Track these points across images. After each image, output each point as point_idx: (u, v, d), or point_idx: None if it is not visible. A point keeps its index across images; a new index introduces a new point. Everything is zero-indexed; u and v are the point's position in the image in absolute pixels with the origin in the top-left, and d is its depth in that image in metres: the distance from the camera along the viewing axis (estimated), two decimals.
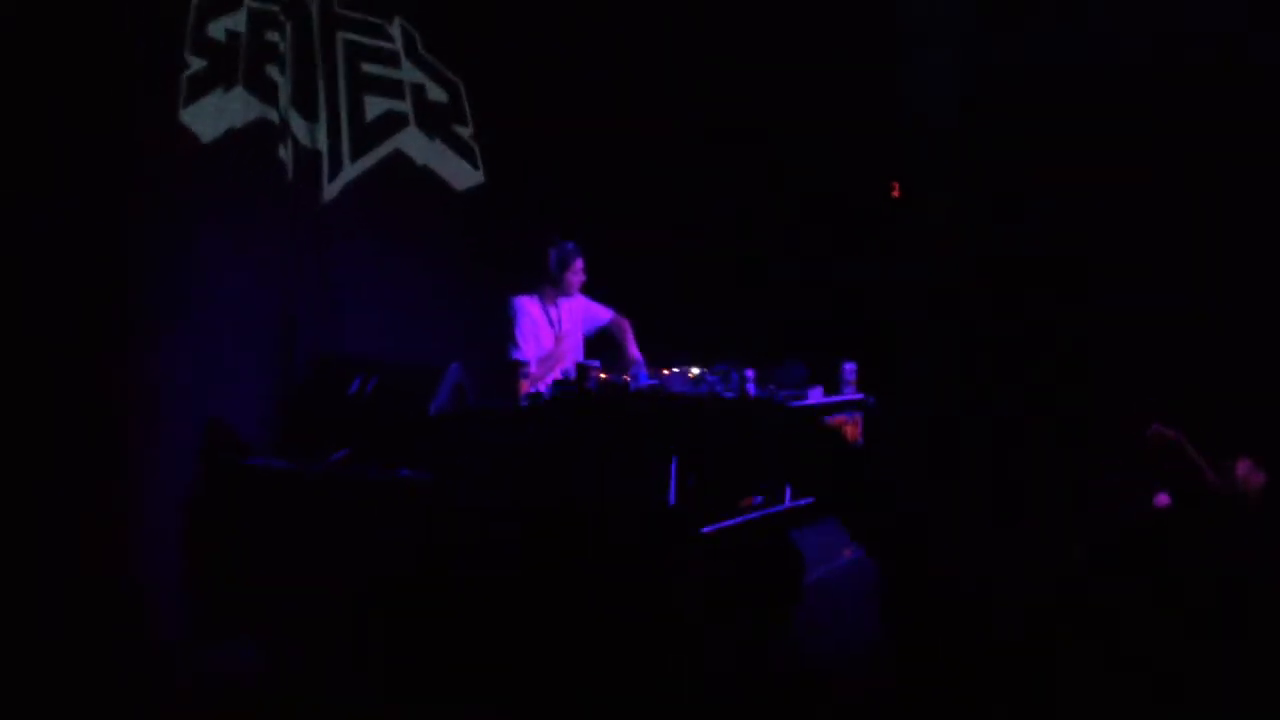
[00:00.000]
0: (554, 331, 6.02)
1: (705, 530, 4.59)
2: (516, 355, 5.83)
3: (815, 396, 6.32)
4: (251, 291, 5.52)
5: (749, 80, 7.59)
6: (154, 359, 5.08)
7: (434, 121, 6.55)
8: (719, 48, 7.61)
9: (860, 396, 6.69)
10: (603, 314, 6.26)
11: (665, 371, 5.57)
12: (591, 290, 6.19)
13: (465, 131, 6.70)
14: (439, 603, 4.47)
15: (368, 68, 6.24)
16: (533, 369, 5.78)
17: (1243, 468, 3.38)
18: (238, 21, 5.52)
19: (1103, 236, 6.85)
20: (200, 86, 5.36)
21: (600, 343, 6.23)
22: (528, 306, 5.97)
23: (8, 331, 4.63)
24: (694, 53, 7.55)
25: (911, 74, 7.32)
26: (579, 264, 6.05)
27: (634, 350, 6.11)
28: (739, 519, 4.96)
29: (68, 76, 4.77)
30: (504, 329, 5.92)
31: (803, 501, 6.09)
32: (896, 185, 7.71)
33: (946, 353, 7.32)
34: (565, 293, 6.08)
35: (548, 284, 6.04)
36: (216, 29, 5.43)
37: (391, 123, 6.34)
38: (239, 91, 5.52)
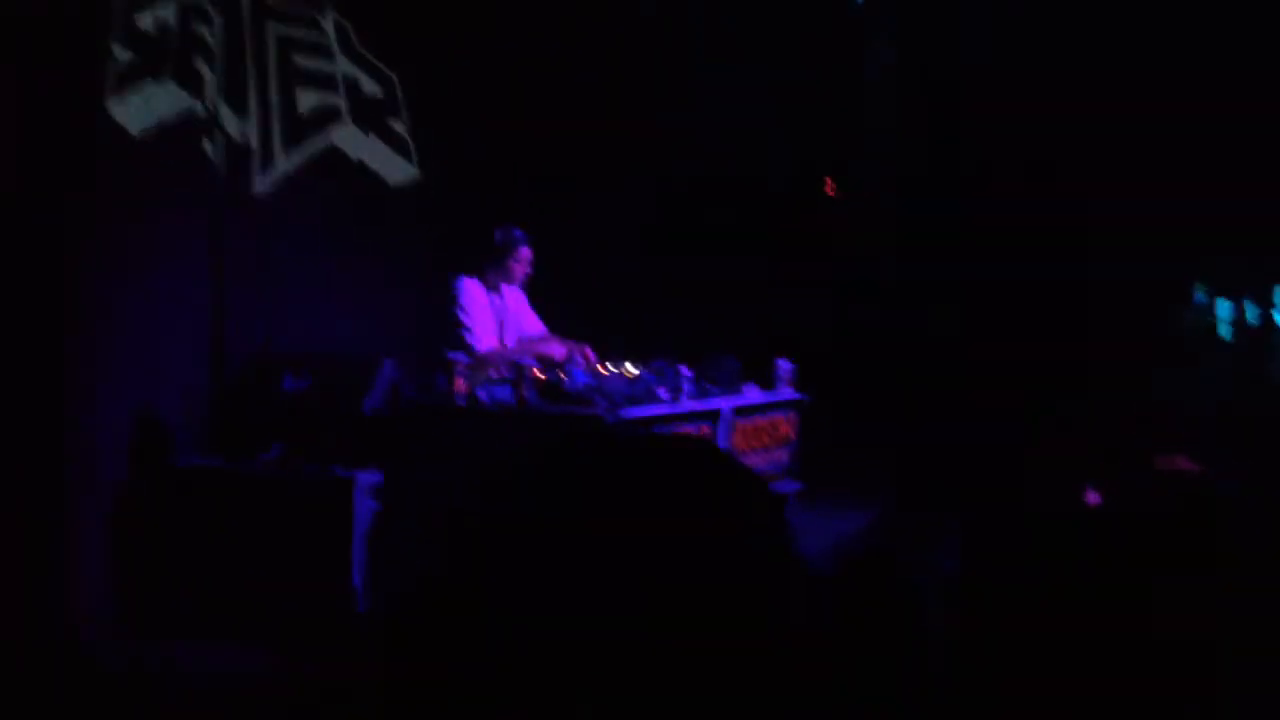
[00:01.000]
0: (498, 318, 5.85)
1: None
2: (471, 341, 5.58)
3: (751, 394, 6.35)
4: (182, 286, 5.43)
5: (682, 77, 7.62)
6: (82, 355, 4.98)
7: (368, 115, 6.47)
8: (649, 45, 7.63)
9: (796, 395, 6.74)
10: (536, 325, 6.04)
11: (602, 370, 5.56)
12: (528, 287, 6.11)
13: (400, 125, 6.64)
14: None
15: (300, 61, 6.15)
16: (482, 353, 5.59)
17: (1181, 463, 3.49)
18: (167, 13, 5.41)
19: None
20: (128, 78, 5.25)
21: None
22: (473, 289, 5.72)
23: None
24: (627, 50, 7.56)
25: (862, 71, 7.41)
26: (524, 253, 5.84)
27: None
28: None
29: None
30: (448, 312, 5.66)
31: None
32: (830, 183, 7.79)
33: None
34: (510, 280, 5.90)
35: (490, 268, 5.85)
36: (145, 20, 5.32)
37: (324, 116, 6.26)
38: (168, 84, 5.42)
